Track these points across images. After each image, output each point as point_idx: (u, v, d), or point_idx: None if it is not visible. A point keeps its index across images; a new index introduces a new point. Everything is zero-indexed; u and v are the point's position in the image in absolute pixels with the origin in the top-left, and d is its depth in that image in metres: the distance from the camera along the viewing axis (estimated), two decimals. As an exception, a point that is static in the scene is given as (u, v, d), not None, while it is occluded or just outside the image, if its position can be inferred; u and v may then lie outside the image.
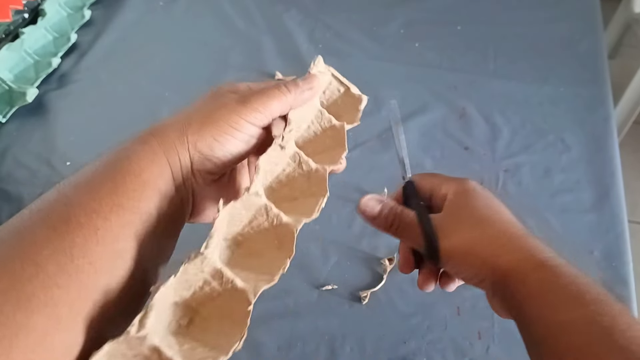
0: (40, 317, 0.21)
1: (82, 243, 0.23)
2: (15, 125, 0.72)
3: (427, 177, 0.38)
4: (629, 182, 0.64)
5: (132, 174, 0.26)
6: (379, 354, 0.50)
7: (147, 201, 0.26)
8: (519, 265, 0.30)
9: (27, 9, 0.83)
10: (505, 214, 0.34)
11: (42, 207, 0.24)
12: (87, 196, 0.25)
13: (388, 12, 0.85)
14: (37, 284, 0.21)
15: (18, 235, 0.23)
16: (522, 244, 0.31)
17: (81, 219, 0.23)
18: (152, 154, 0.27)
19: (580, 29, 0.81)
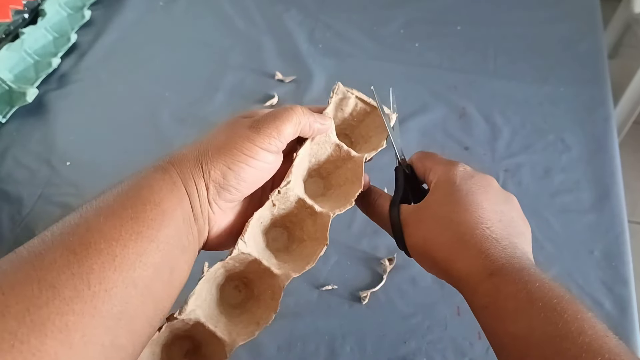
0: (54, 342, 0.21)
1: (99, 270, 0.23)
2: (15, 125, 0.72)
3: (423, 158, 0.38)
4: (628, 182, 0.64)
5: (152, 203, 0.27)
6: (379, 354, 0.50)
7: (165, 230, 0.27)
8: (470, 275, 0.30)
9: (27, 9, 0.82)
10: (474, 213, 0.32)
11: (63, 231, 0.25)
12: (108, 223, 0.25)
13: (388, 12, 0.85)
14: (53, 308, 0.21)
15: (38, 257, 0.23)
16: (477, 251, 0.30)
17: (101, 245, 0.24)
18: (171, 184, 0.28)
19: (580, 29, 0.81)
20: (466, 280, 0.30)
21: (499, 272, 0.29)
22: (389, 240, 0.57)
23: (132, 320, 0.24)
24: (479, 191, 0.33)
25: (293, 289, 0.54)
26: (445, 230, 0.32)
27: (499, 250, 0.30)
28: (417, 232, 0.33)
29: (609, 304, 0.52)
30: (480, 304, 0.29)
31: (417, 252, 0.34)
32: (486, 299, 0.29)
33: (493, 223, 0.32)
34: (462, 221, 0.32)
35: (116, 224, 0.25)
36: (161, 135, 0.70)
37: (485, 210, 0.32)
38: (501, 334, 0.28)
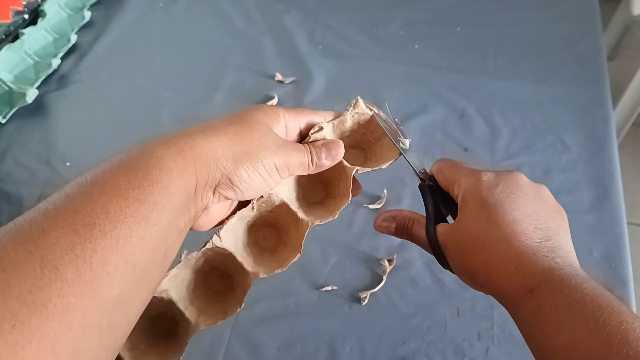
0: (54, 324, 0.21)
1: (102, 252, 0.23)
2: (15, 126, 0.72)
3: (444, 170, 0.37)
4: (628, 183, 0.64)
5: (160, 185, 0.26)
6: (378, 355, 0.50)
7: (167, 215, 0.27)
8: (511, 293, 0.30)
9: (27, 10, 0.82)
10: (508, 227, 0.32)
11: (67, 207, 0.24)
12: (113, 203, 0.25)
13: (388, 12, 0.86)
14: (55, 290, 0.21)
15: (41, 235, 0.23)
16: (516, 267, 0.30)
17: (106, 227, 0.24)
18: (183, 167, 0.28)
19: (579, 30, 0.81)
20: (508, 297, 0.31)
21: (539, 288, 0.29)
22: (388, 241, 0.57)
23: (128, 302, 0.24)
24: (507, 200, 0.33)
25: (293, 290, 0.55)
26: (482, 251, 0.32)
27: (537, 264, 0.30)
28: (457, 255, 0.34)
29: (608, 304, 0.52)
30: (523, 319, 0.30)
31: (460, 273, 0.34)
32: (529, 314, 0.29)
33: (528, 234, 0.31)
34: (497, 239, 0.31)
35: (122, 205, 0.25)
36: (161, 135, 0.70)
37: (518, 221, 0.32)
38: (545, 347, 0.28)
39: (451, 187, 0.36)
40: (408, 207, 0.61)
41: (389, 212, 0.38)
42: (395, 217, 0.38)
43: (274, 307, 0.53)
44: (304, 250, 0.57)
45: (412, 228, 0.37)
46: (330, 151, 0.35)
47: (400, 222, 0.38)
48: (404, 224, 0.37)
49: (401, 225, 0.38)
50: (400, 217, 0.38)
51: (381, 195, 0.61)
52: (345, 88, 0.74)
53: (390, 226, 0.38)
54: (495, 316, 0.52)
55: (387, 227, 0.38)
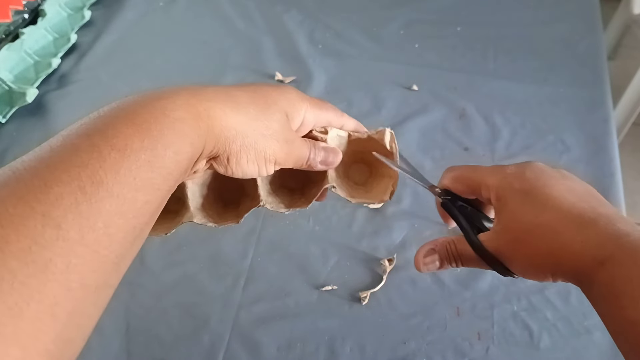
0: (54, 285, 0.20)
1: (106, 214, 0.22)
2: (15, 126, 0.72)
3: (459, 178, 0.36)
4: (628, 183, 0.64)
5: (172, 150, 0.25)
6: (378, 355, 0.50)
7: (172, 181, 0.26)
8: (583, 269, 0.29)
9: (27, 10, 0.82)
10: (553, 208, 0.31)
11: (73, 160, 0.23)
12: (123, 164, 0.23)
13: (388, 12, 0.86)
14: (57, 249, 0.20)
15: (43, 189, 0.21)
16: (580, 243, 0.29)
17: (113, 188, 0.23)
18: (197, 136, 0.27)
19: (580, 29, 0.81)
20: (581, 276, 0.29)
21: (610, 259, 0.28)
22: (388, 241, 0.57)
23: (122, 261, 0.24)
24: (540, 183, 0.32)
25: (293, 290, 0.55)
26: (541, 237, 0.31)
27: (601, 234, 0.29)
28: (516, 256, 0.32)
29: (608, 304, 0.52)
30: (598, 294, 0.29)
31: (526, 270, 0.32)
32: (603, 288, 0.28)
33: (577, 207, 0.31)
34: (549, 222, 0.31)
35: (132, 166, 0.23)
36: (161, 136, 0.70)
37: (559, 199, 0.31)
38: (620, 321, 0.27)
39: (477, 192, 0.35)
40: (408, 207, 0.61)
41: (424, 247, 0.36)
42: (434, 248, 0.35)
43: (274, 307, 0.53)
44: (304, 250, 0.57)
45: (458, 249, 0.35)
46: (328, 158, 0.35)
47: (442, 250, 0.35)
48: (447, 249, 0.35)
49: (445, 252, 0.35)
50: (439, 246, 0.35)
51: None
52: (345, 88, 0.74)
53: (434, 260, 0.35)
54: (495, 316, 0.52)
55: (432, 261, 0.35)
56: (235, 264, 0.56)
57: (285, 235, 0.58)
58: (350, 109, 0.71)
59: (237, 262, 0.56)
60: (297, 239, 0.58)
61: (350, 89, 0.74)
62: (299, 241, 0.58)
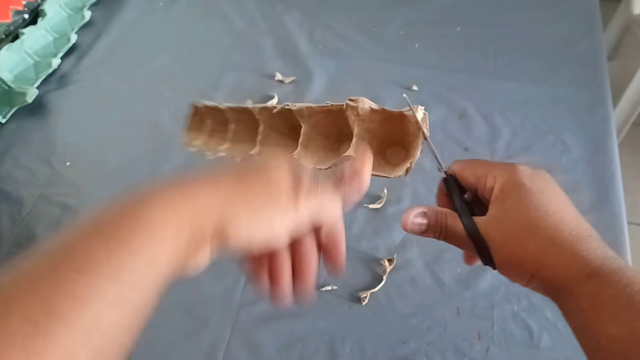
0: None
1: (64, 345, 0.20)
2: (15, 126, 0.72)
3: (469, 165, 0.36)
4: (628, 183, 0.64)
5: (145, 256, 0.22)
6: (378, 355, 0.50)
7: (148, 290, 0.23)
8: (568, 278, 0.29)
9: (27, 10, 0.83)
10: (555, 214, 0.31)
11: (26, 287, 0.21)
12: (81, 281, 0.21)
13: (388, 12, 0.86)
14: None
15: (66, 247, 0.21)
16: (571, 253, 0.30)
17: (70, 317, 0.20)
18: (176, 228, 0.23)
19: (580, 29, 0.81)
20: (563, 283, 0.30)
21: (596, 274, 0.28)
22: (388, 241, 0.57)
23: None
24: (548, 188, 0.33)
25: (293, 289, 0.55)
26: (535, 238, 0.31)
27: (591, 250, 0.30)
28: (506, 246, 0.32)
29: (608, 304, 0.52)
30: (577, 306, 0.29)
31: (508, 265, 0.32)
32: (585, 300, 0.28)
33: (576, 221, 0.31)
34: (549, 225, 0.31)
35: (92, 283, 0.21)
36: (161, 135, 0.70)
37: (564, 209, 0.32)
38: (599, 336, 0.27)
39: (482, 181, 0.34)
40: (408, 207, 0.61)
41: (417, 208, 0.34)
42: (426, 212, 0.34)
43: (273, 307, 0.53)
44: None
45: (447, 221, 0.34)
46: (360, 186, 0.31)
47: (432, 217, 0.34)
48: (438, 219, 0.34)
49: (435, 219, 0.34)
50: (431, 212, 0.34)
51: (381, 195, 0.61)
52: (345, 88, 0.74)
53: (422, 223, 0.34)
54: (495, 316, 0.52)
55: (419, 224, 0.34)
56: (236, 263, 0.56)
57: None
58: (350, 109, 0.71)
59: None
60: (297, 239, 0.58)
61: (350, 89, 0.74)
62: (299, 241, 0.58)
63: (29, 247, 0.24)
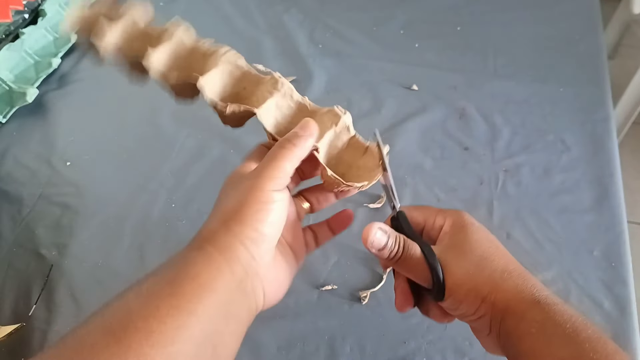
0: None
1: (136, 347, 0.24)
2: (15, 125, 0.72)
3: (418, 208, 0.39)
4: (628, 182, 0.64)
5: (189, 278, 0.27)
6: (378, 354, 0.50)
7: (205, 302, 0.27)
8: (519, 302, 0.31)
9: (27, 10, 0.82)
10: (502, 250, 0.35)
11: (105, 313, 0.26)
12: (147, 302, 0.26)
13: (388, 12, 0.86)
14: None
15: (80, 340, 0.24)
16: (521, 281, 0.32)
17: (138, 324, 0.24)
18: (207, 258, 0.29)
19: (580, 29, 0.81)
20: (514, 308, 0.31)
21: (545, 302, 0.31)
22: (388, 241, 0.57)
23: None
24: (491, 235, 0.36)
25: (293, 289, 0.54)
26: (489, 265, 0.33)
27: (538, 283, 0.32)
28: (460, 270, 0.33)
29: (608, 304, 0.52)
30: (527, 330, 0.30)
31: (461, 290, 0.33)
32: (534, 324, 0.30)
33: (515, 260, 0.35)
34: (500, 256, 0.34)
35: (154, 302, 0.26)
36: (161, 135, 0.70)
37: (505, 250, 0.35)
38: (547, 359, 0.29)
39: (431, 220, 0.37)
40: (408, 207, 0.61)
41: (379, 224, 0.35)
42: (386, 231, 0.35)
43: (274, 306, 0.53)
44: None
45: (405, 243, 0.35)
46: (304, 127, 0.35)
47: (392, 235, 0.35)
48: (397, 238, 0.35)
49: (394, 240, 0.35)
50: (391, 231, 0.35)
51: (381, 195, 0.61)
52: (345, 87, 0.74)
53: (382, 241, 0.34)
54: (495, 316, 0.52)
55: (379, 240, 0.34)
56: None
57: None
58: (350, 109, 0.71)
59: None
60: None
61: (350, 89, 0.74)
62: (299, 241, 0.58)
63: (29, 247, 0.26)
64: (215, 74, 0.40)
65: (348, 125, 0.38)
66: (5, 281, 0.56)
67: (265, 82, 0.39)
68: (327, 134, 0.37)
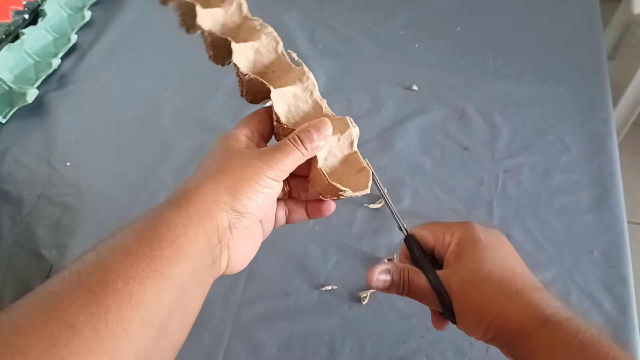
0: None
1: (116, 309, 0.24)
2: (15, 126, 0.72)
3: (427, 226, 0.39)
4: (628, 183, 0.64)
5: (168, 240, 0.27)
6: (378, 354, 0.50)
7: (180, 267, 0.27)
8: (525, 324, 0.31)
9: (27, 10, 0.82)
10: (509, 268, 0.34)
11: (81, 270, 0.25)
12: (125, 261, 0.26)
13: (388, 12, 0.86)
14: (72, 348, 0.22)
15: (57, 297, 0.24)
16: (525, 302, 0.32)
17: (118, 284, 0.24)
18: (187, 220, 0.29)
19: (580, 29, 0.81)
20: (520, 331, 0.31)
21: (550, 321, 0.31)
22: (388, 240, 0.57)
23: (147, 358, 0.25)
24: (501, 244, 0.36)
25: (293, 289, 0.55)
26: (491, 290, 0.33)
27: (544, 300, 0.32)
28: (465, 297, 0.34)
29: (608, 304, 0.52)
30: (533, 352, 0.31)
31: (467, 316, 0.34)
32: (540, 345, 0.30)
33: (528, 274, 0.34)
34: (502, 278, 0.33)
35: (133, 262, 0.26)
36: (161, 135, 0.70)
37: (516, 262, 0.35)
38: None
39: (440, 237, 0.37)
40: (407, 208, 0.61)
41: (380, 265, 0.37)
42: (389, 269, 0.37)
43: (274, 307, 0.53)
44: (304, 250, 0.57)
45: (410, 276, 0.36)
46: (320, 130, 0.35)
47: (395, 273, 0.37)
48: (401, 274, 0.37)
49: (397, 276, 0.37)
50: (394, 269, 0.37)
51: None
52: (345, 88, 0.74)
53: (386, 280, 0.37)
54: (495, 316, 0.52)
55: (383, 280, 0.37)
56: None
57: (285, 235, 0.58)
58: (350, 109, 0.72)
59: (237, 262, 0.56)
60: (297, 239, 0.58)
61: (350, 89, 0.74)
62: (298, 241, 0.58)
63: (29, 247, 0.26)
64: (250, 47, 0.42)
65: (353, 140, 0.38)
66: (5, 281, 0.56)
67: (294, 71, 0.40)
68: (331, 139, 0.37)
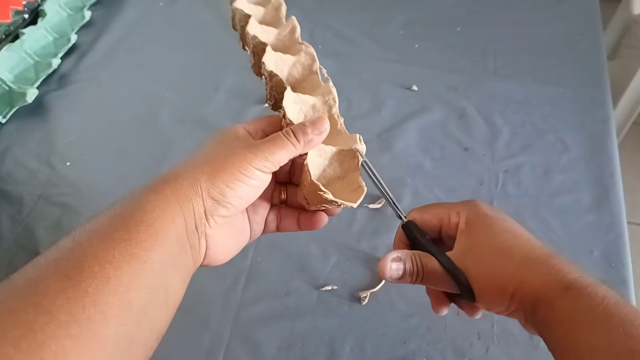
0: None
1: (93, 293, 0.23)
2: (15, 126, 0.72)
3: (429, 209, 0.38)
4: (628, 183, 0.64)
5: (145, 224, 0.27)
6: (378, 354, 0.50)
7: (158, 250, 0.27)
8: (547, 291, 0.30)
9: (27, 10, 0.82)
10: (522, 236, 0.33)
11: (57, 256, 0.25)
12: (101, 245, 0.25)
13: (388, 12, 0.86)
14: (49, 332, 0.22)
15: (33, 283, 0.23)
16: (547, 267, 0.31)
17: (94, 268, 0.24)
18: (165, 203, 0.28)
19: (580, 29, 0.81)
20: (542, 297, 0.30)
21: (573, 286, 0.30)
22: (388, 240, 0.57)
23: (129, 343, 0.24)
24: (508, 218, 0.35)
25: (293, 289, 0.55)
26: (510, 258, 0.32)
27: (565, 265, 0.31)
28: (483, 271, 0.33)
29: (608, 304, 0.52)
30: (557, 318, 0.30)
31: (488, 291, 0.33)
32: (564, 312, 0.29)
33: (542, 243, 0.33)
34: (521, 245, 0.33)
35: (109, 246, 0.25)
36: (161, 135, 0.70)
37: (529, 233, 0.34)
38: (578, 347, 0.28)
39: (446, 219, 0.36)
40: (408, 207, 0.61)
41: (392, 253, 0.35)
42: (400, 256, 0.35)
43: (274, 307, 0.53)
44: (304, 250, 0.57)
45: (422, 261, 0.35)
46: (316, 124, 0.34)
47: (407, 259, 0.35)
48: (412, 260, 0.35)
49: (410, 262, 0.35)
50: (405, 255, 0.35)
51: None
52: (345, 88, 0.74)
53: (399, 268, 0.35)
54: (495, 316, 0.52)
55: (397, 269, 0.35)
56: (235, 263, 0.56)
57: (285, 235, 0.58)
58: (350, 109, 0.72)
59: (237, 262, 0.56)
60: (297, 239, 0.58)
61: (350, 89, 0.74)
62: (298, 241, 0.58)
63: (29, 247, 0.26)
64: (287, 58, 0.42)
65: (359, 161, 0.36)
66: (5, 281, 0.56)
67: (321, 89, 0.39)
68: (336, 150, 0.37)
